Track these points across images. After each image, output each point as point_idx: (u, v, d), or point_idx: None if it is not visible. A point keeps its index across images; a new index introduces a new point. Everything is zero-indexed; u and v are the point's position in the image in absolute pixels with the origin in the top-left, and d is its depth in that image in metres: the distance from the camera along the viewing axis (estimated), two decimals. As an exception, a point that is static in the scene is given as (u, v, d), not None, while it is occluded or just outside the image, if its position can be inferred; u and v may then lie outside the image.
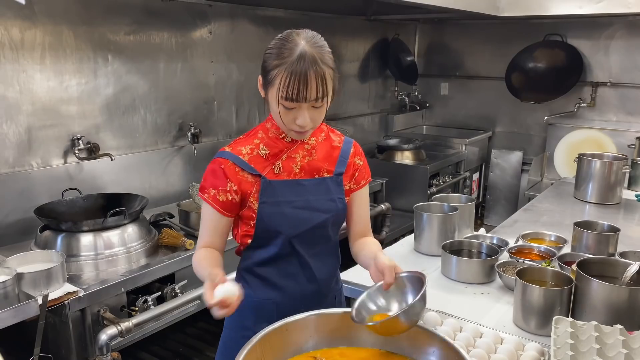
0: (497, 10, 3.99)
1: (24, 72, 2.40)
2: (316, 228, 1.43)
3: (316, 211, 1.42)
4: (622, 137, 4.42)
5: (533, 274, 1.66)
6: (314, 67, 1.24)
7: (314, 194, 1.42)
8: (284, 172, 1.41)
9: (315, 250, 1.46)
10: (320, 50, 1.28)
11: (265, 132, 1.42)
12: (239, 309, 1.47)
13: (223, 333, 1.55)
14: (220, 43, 3.31)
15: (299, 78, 1.24)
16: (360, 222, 1.54)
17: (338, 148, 1.49)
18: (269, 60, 1.29)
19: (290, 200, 1.40)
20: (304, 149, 1.43)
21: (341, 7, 4.05)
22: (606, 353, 1.28)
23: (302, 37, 1.28)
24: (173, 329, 2.64)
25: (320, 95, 1.27)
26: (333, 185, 1.45)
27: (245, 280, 1.47)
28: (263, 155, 1.40)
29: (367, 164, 1.55)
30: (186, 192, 2.95)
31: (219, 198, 1.38)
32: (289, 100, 1.26)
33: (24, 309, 1.76)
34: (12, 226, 2.39)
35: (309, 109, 1.29)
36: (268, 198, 1.38)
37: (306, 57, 1.24)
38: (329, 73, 1.28)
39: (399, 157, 4.31)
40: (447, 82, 5.41)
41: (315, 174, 1.44)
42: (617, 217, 2.74)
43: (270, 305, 1.44)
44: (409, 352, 1.19)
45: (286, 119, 1.31)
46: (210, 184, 1.39)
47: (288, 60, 1.25)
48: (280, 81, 1.25)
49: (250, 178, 1.38)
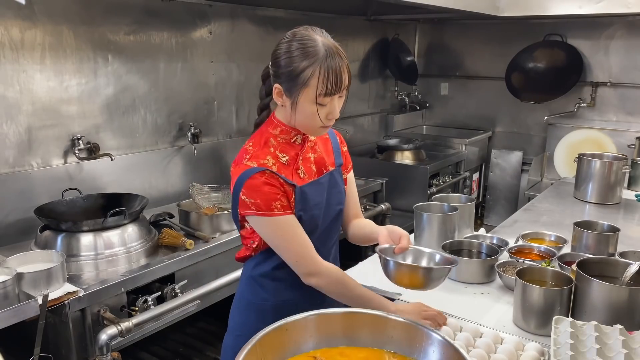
0: (497, 10, 3.99)
1: (24, 72, 2.40)
2: (333, 222, 1.48)
3: (332, 206, 1.47)
4: (622, 137, 4.42)
5: (533, 274, 1.66)
6: (342, 57, 1.30)
7: (328, 189, 1.46)
8: (306, 175, 1.42)
9: (329, 245, 1.50)
10: (335, 41, 1.33)
11: (275, 139, 1.40)
12: (255, 315, 1.46)
13: (233, 341, 1.50)
14: (220, 43, 3.31)
15: (335, 71, 1.27)
16: (354, 205, 1.61)
17: (328, 140, 1.55)
18: (294, 63, 1.28)
19: (317, 202, 1.42)
20: (310, 147, 1.46)
21: (341, 7, 4.05)
22: (606, 353, 1.28)
23: (314, 34, 1.31)
24: (173, 329, 2.64)
25: (348, 83, 1.33)
26: (338, 177, 1.51)
27: (261, 285, 1.46)
28: (285, 163, 1.39)
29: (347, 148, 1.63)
30: (186, 192, 2.95)
31: (285, 204, 1.35)
32: (328, 95, 1.29)
33: (24, 309, 1.75)
34: (12, 226, 2.39)
35: (337, 100, 1.34)
36: (303, 205, 1.39)
37: (331, 49, 1.29)
38: (347, 62, 1.33)
39: (399, 157, 4.31)
40: (447, 82, 5.41)
41: (323, 169, 1.47)
42: (617, 217, 2.74)
43: (290, 307, 1.38)
44: (409, 352, 1.19)
45: (322, 115, 1.33)
46: (270, 199, 1.33)
47: (318, 57, 1.27)
48: (317, 80, 1.27)
49: (287, 187, 1.37)
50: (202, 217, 2.53)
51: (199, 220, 2.55)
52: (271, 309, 1.44)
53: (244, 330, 1.47)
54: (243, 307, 1.51)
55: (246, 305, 1.50)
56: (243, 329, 1.48)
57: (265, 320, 1.38)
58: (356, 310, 1.25)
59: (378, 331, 1.21)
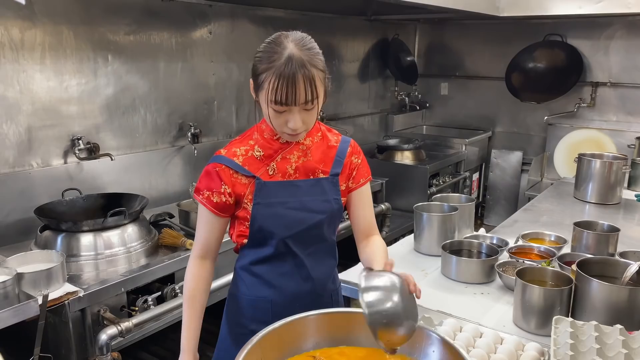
0: (497, 10, 3.99)
1: (24, 72, 2.40)
2: (311, 228, 1.43)
3: (311, 212, 1.42)
4: (622, 137, 4.43)
5: (533, 274, 1.66)
6: (302, 71, 1.23)
7: (308, 194, 1.42)
8: (278, 173, 1.40)
9: (310, 249, 1.46)
10: (309, 52, 1.27)
11: (260, 133, 1.42)
12: (236, 307, 1.49)
13: (220, 330, 1.56)
14: (220, 43, 3.32)
15: (287, 82, 1.23)
16: (363, 221, 1.52)
17: (335, 147, 1.48)
18: (258, 64, 1.29)
19: (284, 201, 1.40)
20: (299, 149, 1.43)
21: (341, 7, 4.05)
22: (606, 353, 1.28)
23: (290, 40, 1.27)
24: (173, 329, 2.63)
25: (310, 98, 1.26)
26: (328, 186, 1.45)
27: (242, 279, 1.49)
28: (257, 157, 1.40)
29: (366, 162, 1.53)
30: (186, 192, 2.95)
31: (213, 199, 1.38)
32: (279, 104, 1.26)
33: (24, 309, 1.76)
34: (12, 226, 2.38)
35: (300, 112, 1.28)
36: (262, 199, 1.38)
37: (294, 60, 1.23)
38: (319, 75, 1.27)
39: (399, 157, 4.31)
40: (447, 82, 5.41)
41: (310, 174, 1.44)
42: (617, 217, 2.74)
43: (265, 303, 1.44)
44: (409, 352, 1.19)
45: (277, 122, 1.30)
46: (204, 186, 1.39)
47: (276, 64, 1.24)
48: (269, 85, 1.25)
49: (244, 180, 1.38)
50: (202, 217, 2.53)
51: (199, 220, 2.54)
52: (247, 303, 1.47)
53: (228, 318, 1.53)
54: (228, 298, 1.56)
55: (230, 296, 1.55)
56: (227, 316, 1.54)
57: (241, 313, 1.46)
58: (356, 310, 1.25)
59: (378, 331, 1.21)
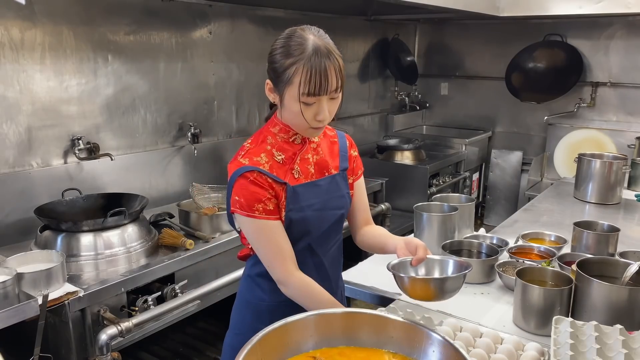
0: (497, 10, 3.99)
1: (24, 72, 2.40)
2: (332, 226, 1.45)
3: (332, 209, 1.44)
4: (622, 137, 4.42)
5: (533, 274, 1.66)
6: (330, 59, 1.26)
7: (327, 193, 1.44)
8: (302, 175, 1.40)
9: (328, 248, 1.48)
10: (329, 42, 1.31)
11: (273, 137, 1.40)
12: (252, 314, 1.47)
13: (232, 339, 1.52)
14: (220, 43, 3.31)
15: (319, 71, 1.25)
16: (363, 211, 1.58)
17: (336, 143, 1.53)
18: (280, 60, 1.28)
19: (312, 203, 1.40)
20: (312, 148, 1.44)
21: (341, 7, 4.05)
22: (606, 353, 1.28)
23: (308, 32, 1.29)
24: (173, 329, 2.64)
25: (338, 86, 1.29)
26: (341, 181, 1.48)
27: (259, 285, 1.46)
28: (280, 161, 1.38)
29: (358, 153, 1.61)
30: (186, 192, 2.95)
31: (270, 207, 1.33)
32: (311, 95, 1.27)
33: (24, 309, 1.76)
34: (12, 226, 2.39)
35: (327, 102, 1.31)
36: (294, 205, 1.37)
37: (321, 49, 1.26)
38: (342, 63, 1.30)
39: (399, 157, 4.31)
40: (447, 82, 5.41)
41: (325, 172, 1.45)
42: (617, 217, 2.74)
43: (286, 307, 1.39)
44: (409, 352, 1.19)
45: (308, 115, 1.31)
46: (254, 200, 1.32)
47: (304, 55, 1.25)
48: (300, 77, 1.25)
49: (277, 187, 1.36)
50: (202, 217, 2.54)
51: (199, 220, 2.55)
52: (267, 309, 1.44)
53: (242, 328, 1.48)
54: (242, 306, 1.52)
55: (245, 304, 1.51)
56: (241, 327, 1.49)
57: (261, 320, 1.40)
58: (356, 310, 1.25)
59: (378, 331, 1.21)
